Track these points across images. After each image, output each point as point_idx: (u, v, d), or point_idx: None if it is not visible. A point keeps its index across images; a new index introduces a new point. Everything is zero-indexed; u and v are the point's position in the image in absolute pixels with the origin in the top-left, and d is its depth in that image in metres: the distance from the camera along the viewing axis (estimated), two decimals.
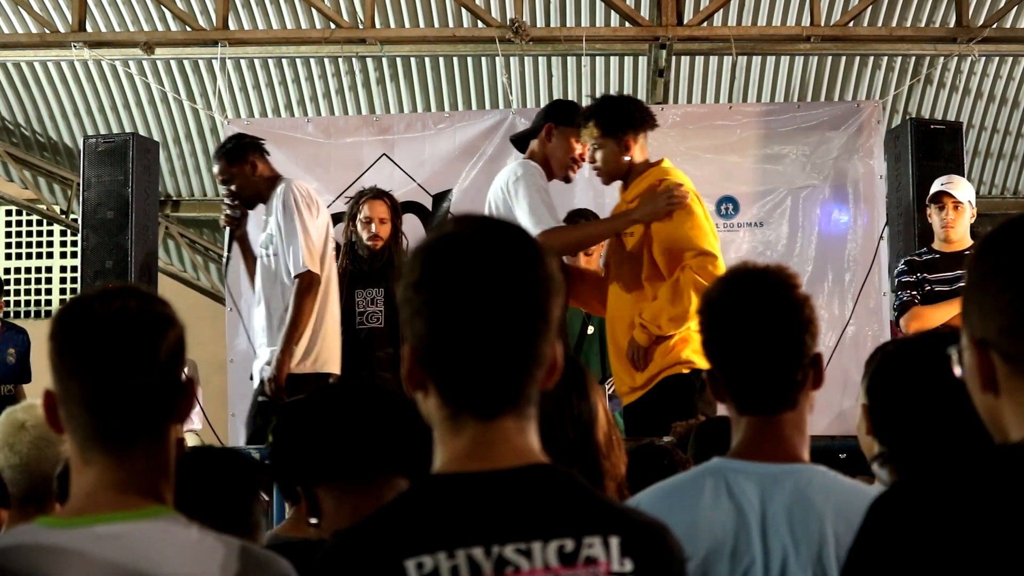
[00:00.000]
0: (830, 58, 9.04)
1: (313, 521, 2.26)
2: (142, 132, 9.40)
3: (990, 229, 1.53)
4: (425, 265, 1.58)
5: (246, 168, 5.56)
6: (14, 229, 12.14)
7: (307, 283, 5.42)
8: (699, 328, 2.33)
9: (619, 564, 1.53)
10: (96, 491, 1.77)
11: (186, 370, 1.88)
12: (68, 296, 11.42)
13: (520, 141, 5.27)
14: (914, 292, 5.85)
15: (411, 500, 1.58)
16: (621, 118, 4.96)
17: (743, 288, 2.27)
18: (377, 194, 6.30)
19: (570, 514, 1.55)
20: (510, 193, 4.97)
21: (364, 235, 6.13)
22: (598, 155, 4.98)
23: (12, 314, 10.81)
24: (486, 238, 1.60)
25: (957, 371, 1.52)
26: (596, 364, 6.35)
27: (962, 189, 5.90)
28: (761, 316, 2.23)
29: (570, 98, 9.38)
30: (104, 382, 1.78)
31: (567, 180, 5.28)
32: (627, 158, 4.96)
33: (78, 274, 8.02)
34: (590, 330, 6.44)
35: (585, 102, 9.09)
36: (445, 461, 1.59)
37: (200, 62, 9.17)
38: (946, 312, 5.50)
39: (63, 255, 12.00)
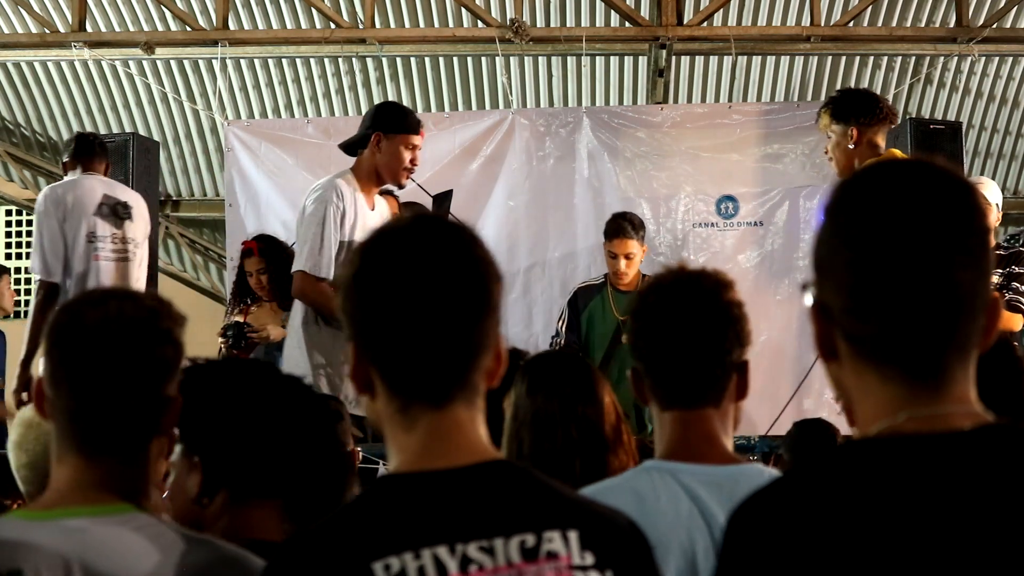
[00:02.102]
0: (830, 58, 9.04)
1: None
2: (142, 132, 9.40)
3: (846, 178, 1.43)
4: (363, 258, 1.59)
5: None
6: (14, 229, 12.13)
7: (43, 291, 5.69)
8: (629, 328, 2.29)
9: (580, 557, 1.54)
10: (66, 489, 1.79)
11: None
12: None
13: (349, 147, 5.13)
14: None
15: (372, 501, 1.58)
16: (852, 106, 4.92)
17: (673, 285, 2.24)
18: (388, 191, 6.34)
19: (529, 509, 1.55)
20: (304, 206, 4.96)
21: None
22: (829, 144, 4.97)
23: (14, 315, 10.81)
24: (421, 228, 1.61)
25: (807, 303, 1.46)
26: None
27: (987, 191, 5.82)
28: (685, 308, 2.20)
29: (570, 98, 9.39)
30: (86, 395, 1.78)
31: (400, 186, 5.22)
32: (852, 146, 4.87)
33: None
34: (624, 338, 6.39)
35: (585, 102, 9.20)
36: (401, 460, 1.59)
37: (200, 62, 9.17)
38: None
39: None
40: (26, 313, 12.17)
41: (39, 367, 1.87)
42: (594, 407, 2.57)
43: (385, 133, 4.96)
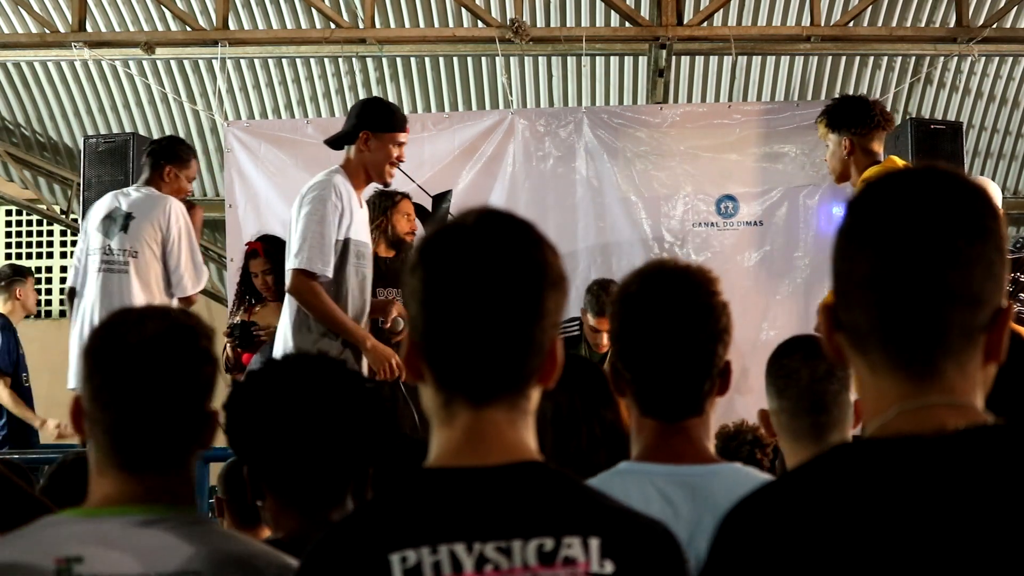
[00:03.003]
0: (830, 58, 9.05)
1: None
2: (142, 132, 9.40)
3: (870, 180, 1.44)
4: (423, 251, 1.61)
5: None
6: (14, 229, 12.13)
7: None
8: (611, 321, 2.21)
9: (599, 565, 1.53)
10: (113, 493, 1.82)
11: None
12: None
13: (335, 142, 5.12)
14: None
15: (401, 494, 1.59)
16: (845, 116, 5.00)
17: (661, 288, 2.16)
18: (403, 194, 6.39)
19: (552, 513, 1.55)
20: (300, 203, 4.91)
21: (406, 228, 6.21)
22: (827, 151, 5.09)
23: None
24: (484, 225, 1.61)
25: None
26: None
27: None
28: (675, 320, 2.12)
29: (570, 98, 9.40)
30: (129, 416, 1.81)
31: (385, 184, 5.19)
32: (846, 155, 4.97)
33: None
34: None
35: (585, 102, 9.20)
36: (437, 454, 1.61)
37: (200, 62, 9.17)
38: None
39: (63, 255, 11.99)
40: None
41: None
42: (611, 407, 2.57)
43: (373, 131, 4.96)
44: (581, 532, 1.54)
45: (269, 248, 6.54)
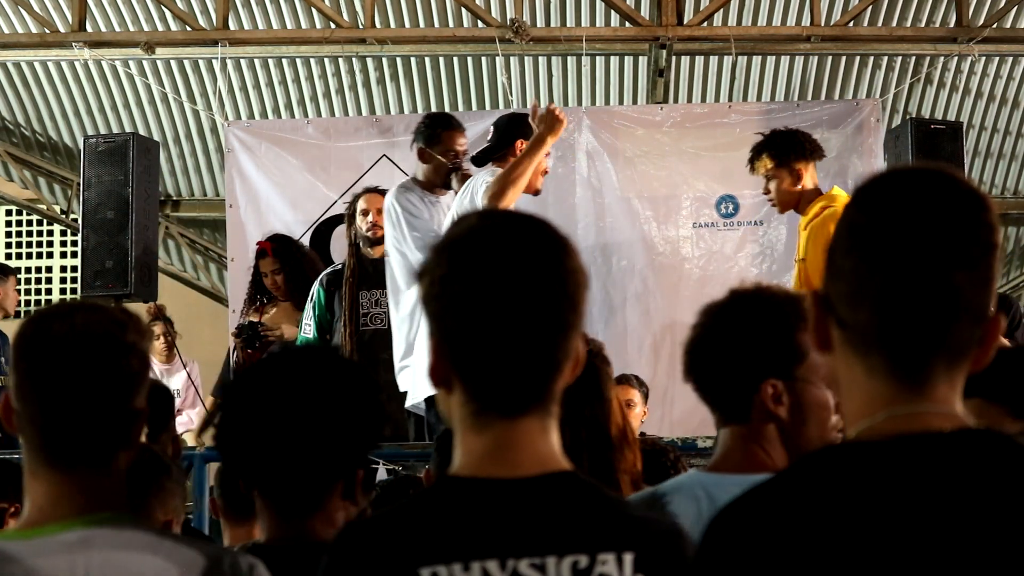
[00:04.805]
0: (830, 58, 9.05)
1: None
2: (142, 132, 9.39)
3: (870, 175, 1.43)
4: (452, 259, 1.56)
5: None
6: (14, 229, 12.12)
7: None
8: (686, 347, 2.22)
9: None
10: (48, 504, 1.77)
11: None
12: (68, 296, 11.42)
13: (480, 159, 5.24)
14: None
15: (430, 501, 1.57)
16: (791, 148, 5.23)
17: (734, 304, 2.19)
18: (372, 189, 6.35)
19: (587, 528, 1.53)
20: (475, 194, 4.98)
21: (364, 227, 6.15)
22: (771, 185, 5.29)
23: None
24: (513, 231, 1.58)
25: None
26: None
27: None
28: (730, 341, 2.15)
29: (570, 98, 9.40)
30: (57, 410, 1.77)
31: (536, 193, 5.22)
32: (798, 187, 5.24)
33: (78, 274, 8.02)
34: None
35: (585, 102, 9.20)
36: (466, 461, 1.57)
37: (200, 62, 9.17)
38: None
39: (63, 255, 11.98)
40: (25, 314, 12.18)
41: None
42: (601, 407, 2.54)
43: (528, 140, 5.06)
44: (616, 548, 1.52)
45: (278, 247, 6.56)
